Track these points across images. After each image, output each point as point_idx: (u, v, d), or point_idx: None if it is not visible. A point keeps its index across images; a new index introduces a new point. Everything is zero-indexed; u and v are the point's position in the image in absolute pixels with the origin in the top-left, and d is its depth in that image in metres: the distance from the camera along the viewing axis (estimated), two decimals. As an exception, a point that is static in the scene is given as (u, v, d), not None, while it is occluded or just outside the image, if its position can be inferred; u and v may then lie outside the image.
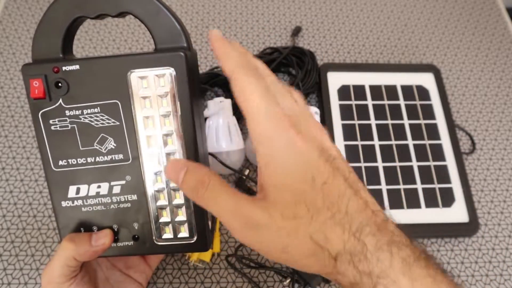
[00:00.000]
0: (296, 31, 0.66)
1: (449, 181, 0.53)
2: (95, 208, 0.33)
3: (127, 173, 0.33)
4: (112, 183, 0.33)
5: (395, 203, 0.51)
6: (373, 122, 0.57)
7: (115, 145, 0.32)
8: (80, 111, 0.32)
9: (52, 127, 0.32)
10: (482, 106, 0.62)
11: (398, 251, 0.24)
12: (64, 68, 0.31)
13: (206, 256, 0.46)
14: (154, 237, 0.34)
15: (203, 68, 0.62)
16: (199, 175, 0.27)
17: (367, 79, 0.60)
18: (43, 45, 0.32)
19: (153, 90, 0.31)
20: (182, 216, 0.34)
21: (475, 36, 0.70)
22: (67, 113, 0.32)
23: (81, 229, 0.34)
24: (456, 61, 0.67)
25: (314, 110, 0.53)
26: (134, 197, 0.33)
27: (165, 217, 0.34)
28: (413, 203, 0.51)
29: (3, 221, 0.48)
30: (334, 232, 0.24)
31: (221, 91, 0.60)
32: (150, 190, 0.33)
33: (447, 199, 0.52)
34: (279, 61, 0.59)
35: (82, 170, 0.33)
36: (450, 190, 0.52)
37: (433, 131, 0.57)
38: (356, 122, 0.57)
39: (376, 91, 0.59)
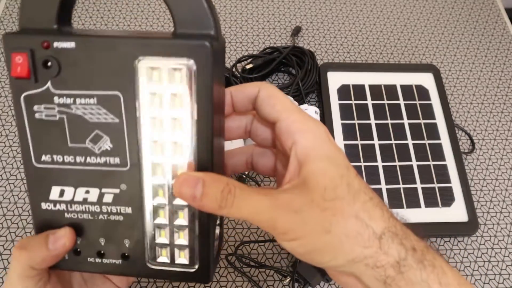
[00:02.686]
0: (296, 31, 0.66)
1: (448, 181, 0.53)
2: (80, 216, 0.28)
3: (122, 181, 0.27)
4: (104, 190, 0.28)
5: (395, 203, 0.51)
6: (373, 121, 0.57)
7: (111, 146, 0.26)
8: (72, 99, 0.26)
9: (36, 115, 0.26)
10: (482, 106, 0.63)
11: (425, 240, 0.26)
12: (56, 44, 0.24)
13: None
14: (147, 259, 0.29)
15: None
16: (221, 184, 0.24)
17: (367, 78, 0.60)
18: (34, 10, 0.25)
19: (165, 86, 0.25)
20: (183, 239, 0.28)
21: (474, 36, 0.70)
22: (56, 100, 0.26)
23: None
24: (455, 61, 0.67)
25: (314, 110, 0.54)
26: (128, 210, 0.28)
27: (163, 238, 0.28)
28: (413, 203, 0.51)
29: (3, 220, 0.48)
30: (375, 212, 0.25)
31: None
32: (148, 204, 0.28)
33: (447, 198, 0.52)
34: (279, 60, 0.59)
35: (69, 170, 0.27)
36: (449, 190, 0.53)
37: (432, 131, 0.57)
38: (356, 121, 0.57)
39: (376, 90, 0.59)
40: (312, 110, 0.53)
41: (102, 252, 0.29)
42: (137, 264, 0.29)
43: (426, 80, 0.61)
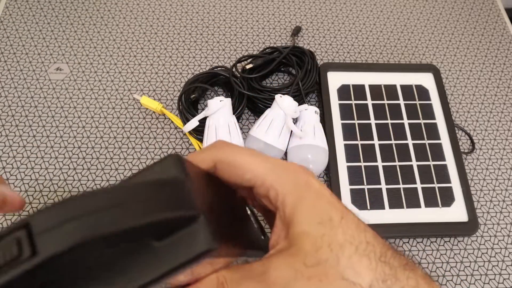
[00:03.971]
0: (296, 31, 0.66)
1: (448, 181, 0.53)
2: None
3: None
4: None
5: (395, 203, 0.51)
6: (373, 121, 0.57)
7: None
8: None
9: None
10: (481, 106, 0.63)
11: (416, 270, 0.26)
12: None
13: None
14: None
15: (203, 67, 0.63)
16: (214, 282, 0.25)
17: (367, 78, 0.60)
18: None
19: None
20: None
21: (474, 36, 0.70)
22: None
23: None
24: (455, 61, 0.67)
25: (314, 110, 0.54)
26: None
27: None
28: (413, 203, 0.51)
29: (3, 220, 0.48)
30: (361, 264, 0.24)
31: (221, 91, 0.61)
32: None
33: (447, 198, 0.52)
34: (279, 60, 0.59)
35: None
36: (449, 190, 0.53)
37: (432, 131, 0.57)
38: (356, 121, 0.57)
39: (375, 90, 0.60)
40: (312, 110, 0.53)
41: None
42: None
43: (426, 80, 0.61)
